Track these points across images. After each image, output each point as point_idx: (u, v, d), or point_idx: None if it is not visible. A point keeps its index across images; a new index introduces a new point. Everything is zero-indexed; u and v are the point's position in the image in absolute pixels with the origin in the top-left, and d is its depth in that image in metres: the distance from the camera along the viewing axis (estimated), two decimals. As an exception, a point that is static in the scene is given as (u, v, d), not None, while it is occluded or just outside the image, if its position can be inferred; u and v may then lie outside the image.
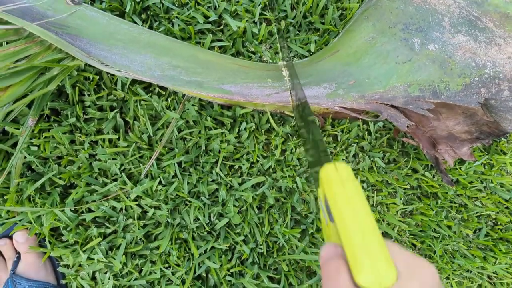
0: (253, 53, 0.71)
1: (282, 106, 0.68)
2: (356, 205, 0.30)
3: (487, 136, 0.68)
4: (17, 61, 0.58)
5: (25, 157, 0.63)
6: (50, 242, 0.66)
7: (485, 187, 0.80)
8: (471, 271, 0.80)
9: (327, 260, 0.30)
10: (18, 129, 0.61)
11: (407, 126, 0.63)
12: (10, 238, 0.67)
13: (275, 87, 0.64)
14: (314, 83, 0.64)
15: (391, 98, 0.63)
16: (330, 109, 0.65)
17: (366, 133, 0.73)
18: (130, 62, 0.61)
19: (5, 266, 0.68)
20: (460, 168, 0.78)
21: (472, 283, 0.80)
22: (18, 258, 0.67)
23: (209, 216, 0.68)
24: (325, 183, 0.33)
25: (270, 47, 0.72)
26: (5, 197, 0.62)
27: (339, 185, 0.31)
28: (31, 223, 0.64)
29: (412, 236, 0.77)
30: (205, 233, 0.68)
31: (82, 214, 0.65)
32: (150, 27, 0.68)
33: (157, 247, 0.67)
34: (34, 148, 0.63)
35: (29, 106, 0.62)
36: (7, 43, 0.58)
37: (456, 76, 0.62)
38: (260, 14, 0.71)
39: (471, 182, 0.78)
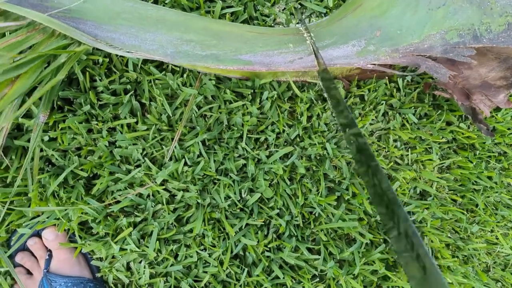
0: (267, 16, 0.66)
1: (304, 73, 0.64)
2: None
3: (524, 79, 0.64)
4: (20, 52, 0.54)
5: (41, 150, 0.60)
6: (80, 237, 0.64)
7: (524, 133, 0.76)
8: (516, 221, 0.77)
9: None
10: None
11: (449, 77, 0.59)
12: (40, 236, 0.66)
13: (298, 52, 0.60)
14: (341, 42, 0.59)
15: (427, 49, 0.58)
16: (360, 68, 0.61)
17: (394, 90, 0.69)
18: (140, 42, 0.57)
19: (38, 266, 0.66)
20: (496, 115, 0.73)
21: (518, 233, 0.77)
22: (50, 256, 0.65)
23: (240, 193, 0.65)
24: None
25: (284, 8, 0.67)
26: (29, 195, 0.59)
27: None
28: (58, 219, 0.62)
29: (452, 192, 0.74)
30: (238, 210, 0.65)
31: (110, 206, 0.62)
32: (155, 1, 0.64)
33: (190, 230, 0.64)
34: (50, 142, 0.60)
35: (39, 98, 0.59)
36: (4, 34, 0.55)
37: (497, 16, 0.57)
38: (269, -27, 0.66)
39: (509, 128, 0.74)
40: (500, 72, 0.65)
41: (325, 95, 0.62)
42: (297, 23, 0.67)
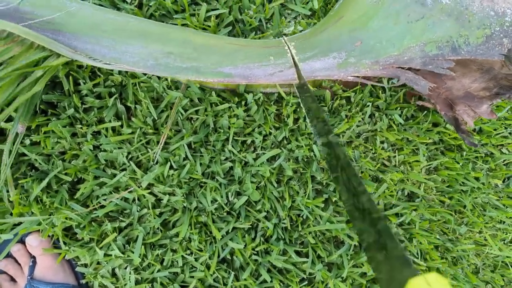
0: (251, 17, 0.66)
1: (289, 85, 0.64)
2: None
3: (507, 90, 0.64)
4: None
5: (24, 155, 0.60)
6: (64, 243, 0.63)
7: (510, 133, 0.76)
8: (504, 222, 0.77)
9: None
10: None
11: (428, 89, 0.59)
12: (24, 243, 0.64)
13: (278, 64, 0.60)
14: (321, 54, 0.59)
15: (407, 61, 0.59)
16: (342, 79, 0.61)
17: (380, 91, 0.69)
18: (120, 54, 0.57)
19: (22, 272, 0.65)
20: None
21: (506, 234, 0.77)
22: (34, 262, 0.64)
23: (227, 196, 0.64)
24: None
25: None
26: (11, 199, 0.58)
27: None
28: (41, 224, 0.61)
29: (440, 193, 0.74)
30: (225, 214, 0.65)
31: (94, 211, 0.61)
32: (140, 4, 0.64)
33: (177, 235, 0.64)
34: (33, 146, 0.59)
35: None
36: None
37: (475, 28, 0.58)
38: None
39: (495, 129, 0.74)
40: (483, 83, 0.65)
41: (304, 110, 0.62)
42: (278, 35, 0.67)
